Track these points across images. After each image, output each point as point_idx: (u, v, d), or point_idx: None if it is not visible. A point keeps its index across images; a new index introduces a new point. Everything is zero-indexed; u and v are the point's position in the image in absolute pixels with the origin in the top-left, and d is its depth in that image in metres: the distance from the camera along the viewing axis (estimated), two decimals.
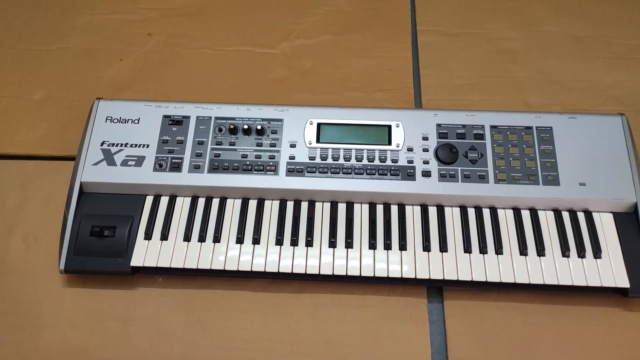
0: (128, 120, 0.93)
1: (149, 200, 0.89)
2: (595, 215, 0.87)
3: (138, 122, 0.93)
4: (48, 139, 1.01)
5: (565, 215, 0.87)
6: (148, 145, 0.91)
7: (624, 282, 0.81)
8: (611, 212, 0.87)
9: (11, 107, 1.05)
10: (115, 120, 0.93)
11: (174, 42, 1.14)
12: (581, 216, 0.87)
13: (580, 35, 1.13)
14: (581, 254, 0.83)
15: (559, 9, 1.17)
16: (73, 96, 1.06)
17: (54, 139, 1.01)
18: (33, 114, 1.04)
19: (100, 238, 0.85)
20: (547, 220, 0.87)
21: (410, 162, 0.89)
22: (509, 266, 0.83)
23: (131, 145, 0.91)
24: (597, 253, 0.83)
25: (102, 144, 0.91)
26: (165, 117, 0.93)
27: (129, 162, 0.89)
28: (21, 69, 1.10)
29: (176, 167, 0.89)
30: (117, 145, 0.91)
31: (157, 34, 1.15)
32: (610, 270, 0.82)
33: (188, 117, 0.93)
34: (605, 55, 1.11)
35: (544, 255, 0.83)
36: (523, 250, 0.84)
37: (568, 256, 0.83)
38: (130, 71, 1.10)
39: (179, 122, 0.92)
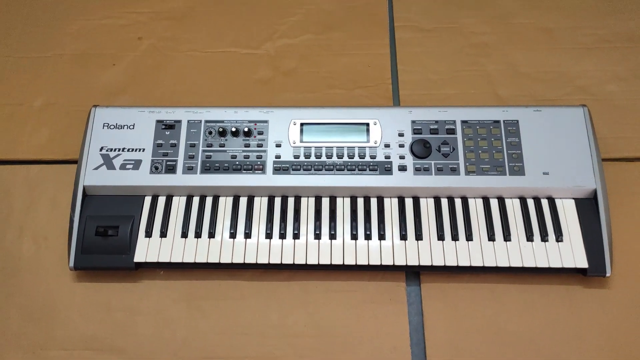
0: (124, 125, 0.99)
1: (148, 200, 0.96)
2: (558, 201, 0.94)
3: (133, 128, 0.99)
4: (50, 144, 1.08)
5: (530, 203, 0.94)
6: (144, 149, 0.97)
7: (583, 262, 0.89)
8: (573, 198, 0.94)
9: (14, 114, 1.12)
10: (112, 127, 0.99)
11: (163, 46, 1.20)
12: (545, 203, 0.94)
13: (549, 27, 1.19)
14: (544, 238, 0.91)
15: (530, 1, 1.23)
16: (70, 102, 1.13)
17: (55, 144, 1.08)
18: (34, 121, 1.11)
19: (104, 237, 0.93)
20: (513, 207, 0.94)
21: (387, 157, 0.96)
22: (478, 251, 0.91)
23: (128, 150, 0.97)
24: (559, 237, 0.91)
25: (101, 149, 0.98)
26: (158, 121, 0.99)
27: (127, 166, 0.96)
28: (20, 76, 1.16)
29: (171, 169, 0.96)
30: (115, 150, 0.97)
31: (146, 37, 1.21)
32: (570, 252, 0.90)
33: (180, 122, 0.99)
34: (573, 45, 1.16)
35: (510, 240, 0.91)
36: (491, 236, 0.92)
37: (532, 240, 0.91)
38: (123, 76, 1.16)
39: (171, 126, 0.99)
